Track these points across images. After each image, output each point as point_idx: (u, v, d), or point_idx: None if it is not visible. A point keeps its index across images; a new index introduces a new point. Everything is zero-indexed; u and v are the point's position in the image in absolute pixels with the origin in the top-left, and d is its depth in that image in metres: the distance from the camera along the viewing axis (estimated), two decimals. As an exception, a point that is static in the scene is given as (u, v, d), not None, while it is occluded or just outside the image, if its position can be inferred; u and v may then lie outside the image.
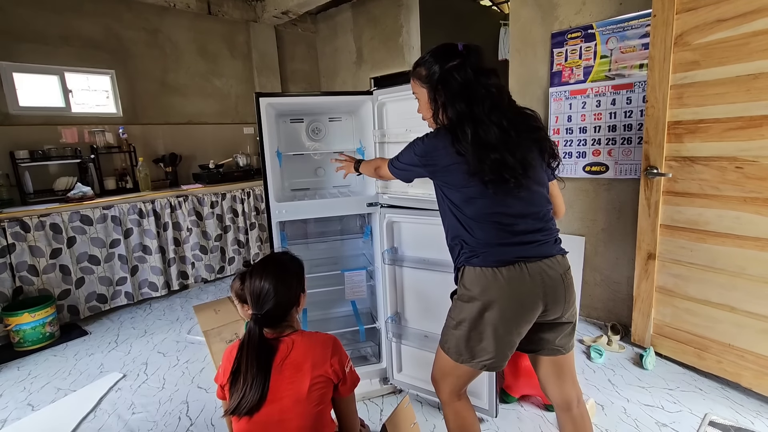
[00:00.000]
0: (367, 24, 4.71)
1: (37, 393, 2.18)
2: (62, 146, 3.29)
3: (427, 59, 1.20)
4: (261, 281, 1.13)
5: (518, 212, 1.14)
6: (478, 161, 1.08)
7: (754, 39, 1.69)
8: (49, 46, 3.28)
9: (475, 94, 1.12)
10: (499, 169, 1.08)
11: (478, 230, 1.14)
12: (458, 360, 1.19)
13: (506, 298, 1.11)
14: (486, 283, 1.12)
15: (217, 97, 4.40)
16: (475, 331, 1.15)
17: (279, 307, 1.14)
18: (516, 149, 1.11)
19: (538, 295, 1.12)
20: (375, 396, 2.00)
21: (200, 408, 1.99)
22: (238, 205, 3.82)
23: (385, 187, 1.90)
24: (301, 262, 1.29)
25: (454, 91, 1.13)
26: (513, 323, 1.13)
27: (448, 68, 1.14)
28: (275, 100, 1.85)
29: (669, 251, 2.09)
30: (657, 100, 2.00)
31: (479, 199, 1.13)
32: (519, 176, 1.10)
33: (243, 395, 1.04)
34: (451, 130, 1.13)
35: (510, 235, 1.13)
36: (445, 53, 1.17)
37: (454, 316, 1.20)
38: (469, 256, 1.16)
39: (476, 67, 1.14)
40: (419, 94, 1.26)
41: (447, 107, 1.15)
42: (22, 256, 2.67)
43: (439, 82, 1.16)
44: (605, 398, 1.91)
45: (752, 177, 1.77)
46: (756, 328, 1.83)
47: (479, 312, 1.13)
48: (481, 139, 1.08)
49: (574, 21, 2.45)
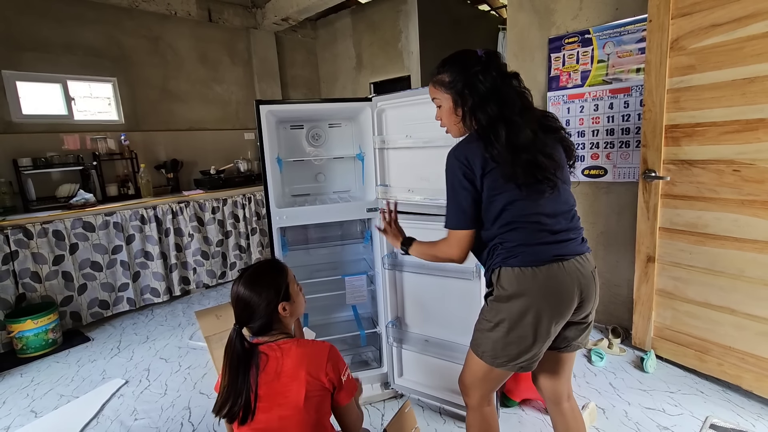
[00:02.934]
0: (367, 30, 4.75)
1: (40, 399, 2.19)
2: (64, 153, 3.32)
3: (448, 65, 1.19)
4: (235, 289, 1.18)
5: (552, 211, 1.15)
6: (511, 164, 1.08)
7: (748, 43, 1.70)
8: (51, 55, 3.32)
9: (504, 96, 1.12)
10: (532, 170, 1.09)
11: (516, 231, 1.14)
12: (493, 363, 1.17)
13: (546, 296, 1.12)
14: (525, 282, 1.12)
15: (218, 104, 4.43)
16: (514, 332, 1.13)
17: (253, 315, 1.16)
18: (545, 149, 1.12)
19: (575, 292, 1.14)
20: (376, 401, 2.01)
21: (202, 414, 2.00)
22: (239, 210, 3.83)
23: (385, 193, 1.92)
24: (285, 270, 1.27)
25: (482, 94, 1.12)
26: (552, 321, 1.13)
27: (473, 72, 1.14)
28: (275, 107, 1.87)
29: (668, 254, 2.09)
30: (654, 104, 2.02)
31: (520, 202, 1.13)
32: (551, 176, 1.11)
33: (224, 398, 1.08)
34: (483, 135, 1.12)
35: (547, 234, 1.14)
36: (466, 59, 1.17)
37: (490, 318, 1.18)
38: (505, 257, 1.15)
39: (500, 70, 1.15)
40: (442, 100, 1.23)
41: (476, 111, 1.13)
42: (24, 263, 2.69)
43: (466, 86, 1.14)
44: (606, 402, 1.91)
45: (749, 180, 1.78)
46: (756, 330, 1.83)
47: (519, 311, 1.12)
48: (513, 140, 1.08)
49: (571, 26, 2.47)
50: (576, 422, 1.34)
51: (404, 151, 1.82)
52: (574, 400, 1.36)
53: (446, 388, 1.86)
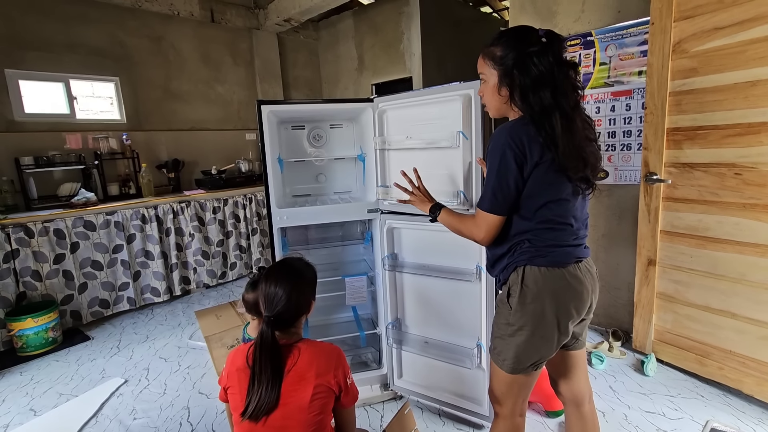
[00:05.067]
0: (369, 31, 4.76)
1: (40, 398, 2.19)
2: (66, 152, 3.32)
3: (504, 39, 1.10)
4: (276, 286, 1.14)
5: (579, 215, 1.16)
6: (568, 158, 1.02)
7: (751, 47, 1.70)
8: (54, 54, 3.33)
9: (559, 84, 1.03)
10: (584, 168, 1.05)
11: (548, 231, 1.11)
12: (516, 371, 1.14)
13: (570, 296, 1.12)
14: (552, 282, 1.11)
15: (220, 104, 4.44)
16: (538, 333, 1.11)
17: (290, 311, 1.14)
18: (589, 149, 1.08)
19: (590, 291, 1.15)
20: (375, 402, 2.00)
21: (201, 413, 1.99)
22: (240, 210, 3.84)
23: (386, 193, 1.92)
24: (315, 270, 1.29)
25: (534, 78, 1.03)
26: (570, 319, 1.13)
27: (528, 53, 1.04)
28: (277, 107, 1.87)
29: (669, 257, 2.09)
30: (656, 107, 2.02)
31: (561, 201, 1.09)
32: (591, 178, 1.10)
33: (259, 398, 1.04)
34: (535, 121, 1.03)
35: (573, 238, 1.14)
36: (525, 36, 1.08)
37: (513, 322, 1.13)
38: (533, 255, 1.11)
39: (559, 56, 1.06)
40: (487, 75, 1.14)
41: (528, 94, 1.05)
42: (25, 261, 2.69)
43: (516, 66, 1.06)
44: (606, 405, 1.91)
45: (751, 183, 1.77)
46: (757, 334, 1.83)
47: (543, 312, 1.10)
48: (569, 134, 1.02)
49: (573, 28, 2.47)
50: (594, 428, 1.33)
51: (405, 153, 1.82)
52: (593, 406, 1.34)
53: (446, 390, 1.85)
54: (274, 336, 1.10)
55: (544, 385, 1.73)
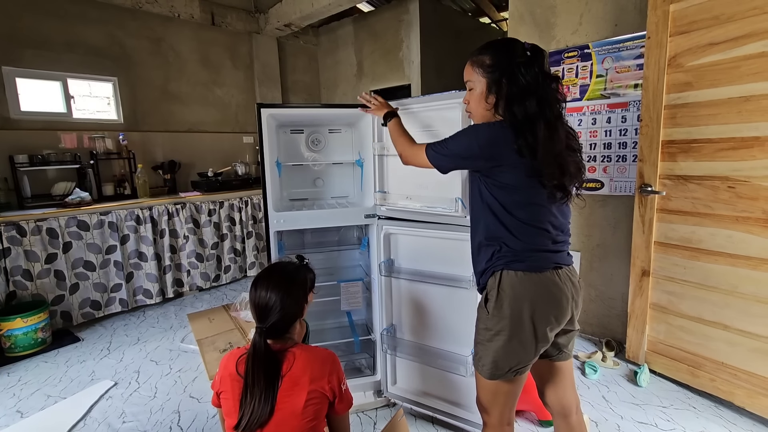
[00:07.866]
0: (368, 38, 4.79)
1: (27, 400, 2.15)
2: (62, 151, 3.30)
3: (492, 49, 1.15)
4: (267, 292, 1.11)
5: (559, 222, 1.17)
6: (545, 165, 1.06)
7: (744, 62, 1.74)
8: (52, 52, 3.32)
9: (545, 96, 1.08)
10: (561, 176, 1.09)
11: (525, 235, 1.13)
12: (494, 376, 1.15)
13: (547, 301, 1.12)
14: (528, 286, 1.12)
15: (218, 106, 4.44)
16: (515, 338, 1.12)
17: (284, 319, 1.12)
18: (570, 159, 1.12)
19: (570, 299, 1.16)
20: (368, 409, 1.99)
21: (192, 417, 1.97)
22: (235, 213, 3.82)
23: (383, 199, 1.92)
24: (311, 271, 1.26)
25: (522, 87, 1.08)
26: (548, 326, 1.13)
27: (516, 63, 1.09)
28: (276, 111, 1.87)
29: (663, 268, 2.10)
30: (651, 120, 2.04)
31: (534, 205, 1.12)
32: (570, 187, 1.13)
33: (252, 411, 1.02)
34: (516, 128, 1.07)
35: (551, 243, 1.15)
36: (512, 48, 1.13)
37: (491, 326, 1.15)
38: (510, 260, 1.13)
39: (543, 69, 1.11)
40: (475, 83, 1.18)
41: (513, 103, 1.09)
42: (17, 260, 2.66)
43: (504, 75, 1.10)
44: (599, 415, 1.91)
45: (744, 196, 1.80)
46: (749, 346, 1.84)
47: (520, 316, 1.11)
48: (550, 143, 1.06)
49: (571, 40, 2.51)
50: None
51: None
52: (582, 416, 1.34)
53: (440, 397, 1.85)
54: (267, 346, 1.08)
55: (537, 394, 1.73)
